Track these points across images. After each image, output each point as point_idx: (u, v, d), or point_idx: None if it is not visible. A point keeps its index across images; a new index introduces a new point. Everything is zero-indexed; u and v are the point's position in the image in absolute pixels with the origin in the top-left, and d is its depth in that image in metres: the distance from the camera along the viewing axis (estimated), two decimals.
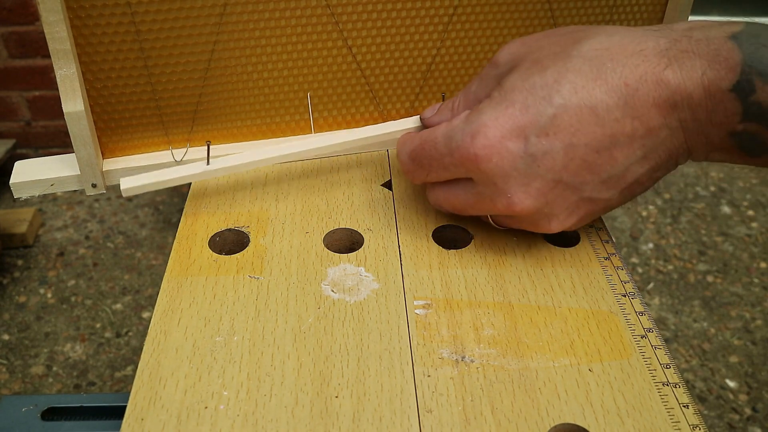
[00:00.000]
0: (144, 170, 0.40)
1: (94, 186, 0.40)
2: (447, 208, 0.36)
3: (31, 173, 0.39)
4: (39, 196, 0.38)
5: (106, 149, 0.40)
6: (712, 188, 1.59)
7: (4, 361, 1.17)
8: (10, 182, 0.39)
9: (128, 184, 0.37)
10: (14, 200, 1.53)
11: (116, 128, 0.40)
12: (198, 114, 0.41)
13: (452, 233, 0.39)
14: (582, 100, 0.31)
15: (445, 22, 0.43)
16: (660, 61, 0.31)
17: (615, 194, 0.33)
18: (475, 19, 0.43)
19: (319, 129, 0.44)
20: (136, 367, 0.30)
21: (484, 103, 0.33)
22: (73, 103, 0.36)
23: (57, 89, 0.38)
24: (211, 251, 0.36)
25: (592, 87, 0.31)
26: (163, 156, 0.41)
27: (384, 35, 0.42)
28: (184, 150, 0.41)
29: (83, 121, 0.37)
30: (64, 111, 0.36)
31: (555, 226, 0.34)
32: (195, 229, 0.37)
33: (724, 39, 0.30)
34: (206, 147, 0.39)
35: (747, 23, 0.31)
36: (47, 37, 0.35)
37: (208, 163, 0.38)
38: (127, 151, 0.41)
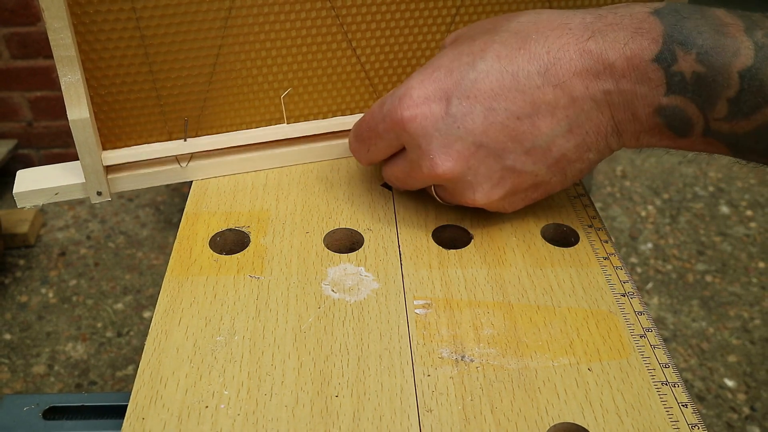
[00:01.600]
0: (146, 177, 0.41)
1: (99, 194, 0.39)
2: (395, 183, 0.38)
3: (35, 182, 0.39)
4: None
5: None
6: (711, 188, 1.59)
7: (6, 361, 1.17)
8: (13, 192, 0.38)
9: (111, 155, 0.39)
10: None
11: (121, 134, 0.39)
12: (202, 119, 0.41)
13: (452, 233, 0.39)
14: (504, 66, 0.32)
15: (448, 22, 0.43)
16: (584, 34, 0.32)
17: (541, 169, 0.34)
18: (477, 18, 0.43)
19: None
20: (137, 367, 0.30)
21: (415, 71, 0.35)
22: (79, 110, 0.36)
23: (59, 90, 0.39)
24: (211, 251, 0.36)
25: (515, 55, 0.32)
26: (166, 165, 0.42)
27: (388, 36, 0.42)
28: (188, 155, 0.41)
29: (88, 129, 0.37)
30: (69, 119, 0.36)
31: (480, 197, 0.35)
32: (196, 229, 0.38)
33: (646, 13, 0.31)
34: (197, 136, 0.41)
35: (669, 2, 0.32)
36: (52, 44, 0.34)
37: (185, 140, 0.40)
38: None
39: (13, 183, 0.39)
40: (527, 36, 0.32)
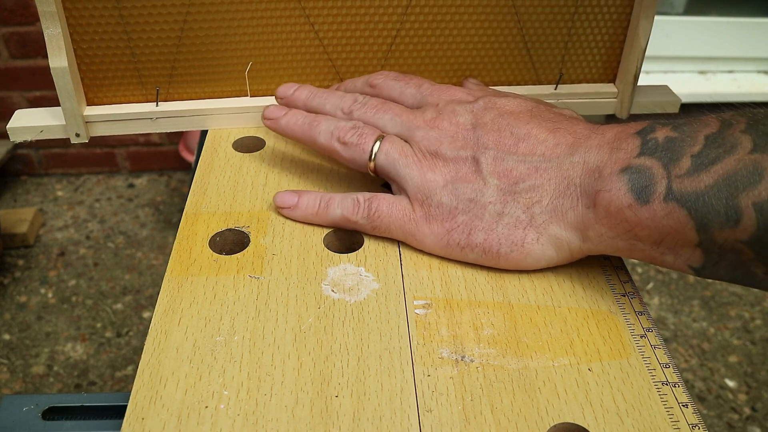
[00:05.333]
0: (120, 126, 0.45)
1: (77, 135, 0.44)
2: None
3: (26, 120, 0.44)
4: (40, 196, 0.40)
5: (92, 104, 0.45)
6: None
7: (5, 361, 1.17)
8: (7, 127, 0.43)
9: (93, 112, 0.44)
10: (15, 200, 1.53)
11: (101, 85, 0.44)
12: (173, 78, 0.45)
13: None
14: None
15: (405, 4, 0.44)
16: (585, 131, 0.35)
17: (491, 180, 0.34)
18: None
19: None
20: (137, 367, 0.30)
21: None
22: (59, 59, 0.41)
23: (56, 90, 0.42)
24: (211, 251, 0.36)
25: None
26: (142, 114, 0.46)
27: (344, 15, 0.44)
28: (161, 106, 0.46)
29: (67, 76, 0.41)
30: (50, 66, 0.41)
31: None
32: (195, 229, 0.38)
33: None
34: (167, 101, 0.46)
35: None
36: (36, 0, 0.39)
37: (157, 105, 0.45)
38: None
39: (12, 183, 0.41)
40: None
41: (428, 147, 0.36)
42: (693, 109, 0.34)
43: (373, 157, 0.37)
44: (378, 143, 0.37)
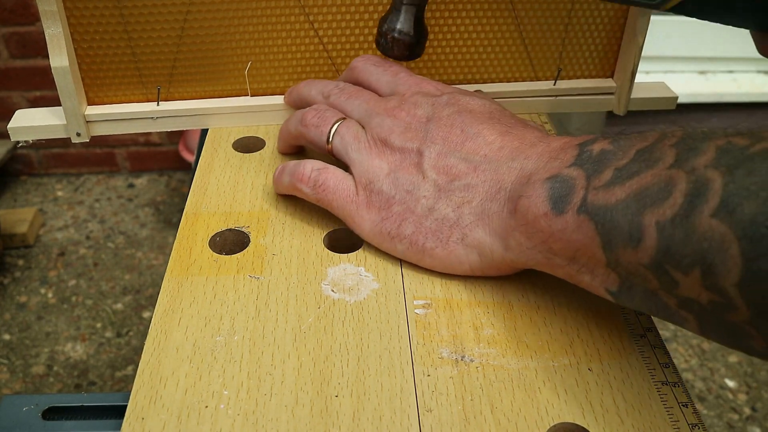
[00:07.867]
0: (121, 125, 0.45)
1: (78, 135, 0.44)
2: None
3: (26, 121, 0.44)
4: (40, 196, 0.40)
5: (92, 103, 0.45)
6: None
7: (5, 361, 1.17)
8: (8, 127, 0.44)
9: (94, 111, 0.45)
10: (15, 200, 1.53)
11: (102, 85, 0.45)
12: (174, 77, 0.45)
13: None
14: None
15: None
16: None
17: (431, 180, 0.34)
18: None
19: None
20: (137, 367, 0.30)
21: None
22: (60, 59, 0.41)
23: (57, 90, 0.42)
24: (211, 251, 0.36)
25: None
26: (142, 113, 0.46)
27: (344, 13, 0.45)
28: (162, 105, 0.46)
29: (68, 75, 0.41)
30: (51, 66, 0.41)
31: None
32: (195, 229, 0.38)
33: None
34: (168, 100, 0.46)
35: None
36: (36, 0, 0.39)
37: (158, 104, 0.46)
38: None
39: (12, 183, 0.41)
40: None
41: (380, 134, 0.36)
42: (693, 109, 0.33)
43: (330, 139, 0.37)
44: (336, 126, 0.37)
